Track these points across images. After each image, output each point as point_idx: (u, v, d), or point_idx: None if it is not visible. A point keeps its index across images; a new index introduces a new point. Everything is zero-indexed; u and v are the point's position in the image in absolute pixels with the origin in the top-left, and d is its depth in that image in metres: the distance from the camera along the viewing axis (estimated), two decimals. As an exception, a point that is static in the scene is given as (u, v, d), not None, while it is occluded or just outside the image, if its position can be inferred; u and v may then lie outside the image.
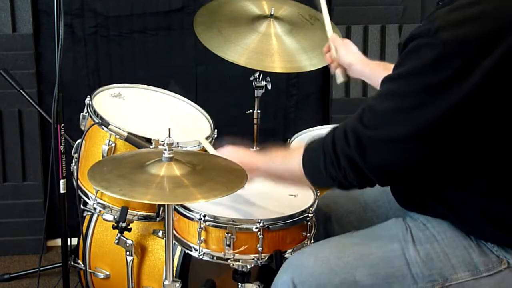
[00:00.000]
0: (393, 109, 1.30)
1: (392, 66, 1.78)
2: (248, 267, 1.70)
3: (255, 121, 2.36)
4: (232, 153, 1.65)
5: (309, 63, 2.16)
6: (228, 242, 1.66)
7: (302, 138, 2.20)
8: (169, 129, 1.51)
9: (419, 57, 1.26)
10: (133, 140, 1.87)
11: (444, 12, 1.26)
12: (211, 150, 1.80)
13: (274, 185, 1.90)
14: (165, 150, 1.49)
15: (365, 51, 2.84)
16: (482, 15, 1.23)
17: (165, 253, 1.59)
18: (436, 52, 1.23)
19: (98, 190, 1.93)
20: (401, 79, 1.30)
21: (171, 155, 1.49)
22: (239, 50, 2.12)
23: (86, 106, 2.00)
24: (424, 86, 1.26)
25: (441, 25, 1.24)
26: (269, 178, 1.63)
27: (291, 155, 1.52)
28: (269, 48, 2.16)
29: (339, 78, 1.91)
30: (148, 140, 1.85)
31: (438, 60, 1.23)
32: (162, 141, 1.49)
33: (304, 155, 1.45)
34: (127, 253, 1.95)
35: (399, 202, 1.57)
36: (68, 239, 2.15)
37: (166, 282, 1.60)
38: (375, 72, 1.85)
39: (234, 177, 1.52)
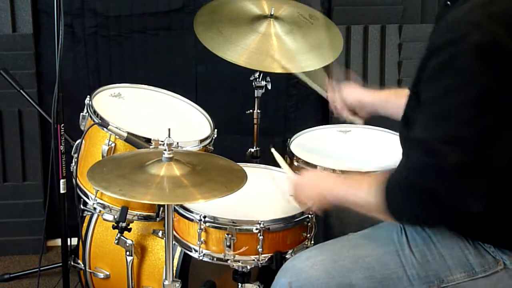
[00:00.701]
0: (447, 131, 1.23)
1: (403, 91, 1.73)
2: (248, 267, 1.70)
3: (255, 121, 2.35)
4: (310, 178, 1.65)
5: (309, 64, 2.15)
6: (228, 243, 1.65)
7: (302, 138, 2.20)
8: (169, 129, 1.51)
9: (455, 70, 1.20)
10: (133, 140, 1.87)
11: (463, 14, 1.21)
12: (290, 173, 1.79)
13: (274, 186, 1.91)
14: (165, 150, 1.49)
15: (365, 51, 2.84)
16: (504, 11, 1.19)
17: (165, 253, 1.60)
18: (470, 59, 1.19)
19: (98, 190, 1.92)
20: (444, 98, 1.24)
21: (171, 155, 1.48)
22: (239, 50, 2.12)
23: (86, 106, 2.00)
24: (472, 97, 1.20)
25: (466, 29, 1.19)
26: (345, 203, 1.54)
27: (368, 187, 1.42)
28: (269, 48, 2.16)
29: (359, 121, 1.90)
30: (148, 140, 1.85)
31: (475, 66, 1.18)
32: (162, 141, 1.49)
33: (388, 198, 1.36)
34: (127, 253, 1.94)
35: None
36: (68, 239, 2.15)
37: (166, 282, 1.61)
38: (388, 101, 1.80)
39: (234, 177, 1.52)
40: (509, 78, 1.19)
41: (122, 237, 1.93)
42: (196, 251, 1.71)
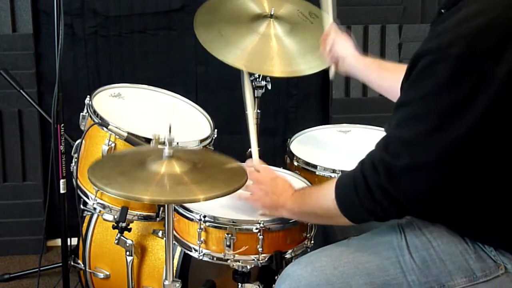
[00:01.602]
0: (417, 134, 1.28)
1: (387, 64, 1.78)
2: (248, 267, 1.70)
3: (255, 121, 2.35)
4: (265, 193, 1.66)
5: (308, 66, 2.15)
6: (228, 243, 1.65)
7: (302, 138, 2.20)
8: (170, 125, 1.50)
9: (434, 75, 1.23)
10: (132, 140, 1.87)
11: (452, 24, 1.24)
12: (255, 158, 1.79)
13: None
14: (166, 147, 1.48)
15: (365, 51, 2.83)
16: (491, 24, 1.22)
17: (165, 253, 1.59)
18: (450, 68, 1.21)
19: (98, 190, 1.92)
20: (418, 101, 1.27)
21: (171, 152, 1.48)
22: (239, 53, 2.11)
23: (86, 106, 2.00)
24: (444, 106, 1.23)
25: (451, 39, 1.22)
26: (299, 218, 1.63)
27: (323, 192, 1.49)
28: (269, 50, 2.15)
29: (331, 74, 1.90)
30: (148, 140, 1.85)
31: (453, 76, 1.21)
32: (162, 139, 1.49)
33: (337, 193, 1.43)
34: (127, 253, 1.94)
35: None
36: (68, 239, 2.15)
37: (166, 282, 1.60)
38: (369, 68, 1.83)
39: (235, 175, 1.52)
40: (485, 90, 1.20)
41: (122, 237, 1.93)
42: (196, 250, 1.71)
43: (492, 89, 1.20)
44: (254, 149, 1.84)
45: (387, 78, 1.76)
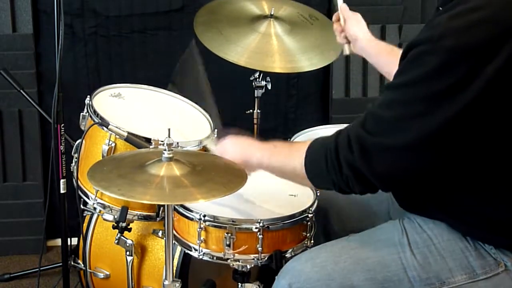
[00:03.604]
0: (397, 117, 1.29)
1: (399, 50, 1.79)
2: (248, 267, 1.70)
3: (255, 121, 2.36)
4: (233, 144, 1.64)
5: (309, 63, 2.16)
6: (228, 242, 1.66)
7: (302, 138, 2.20)
8: (169, 129, 1.51)
9: (422, 64, 1.25)
10: (133, 140, 1.87)
11: (446, 18, 1.25)
12: (212, 147, 1.79)
13: (274, 184, 1.91)
14: (165, 150, 1.49)
15: (365, 51, 2.84)
16: (484, 21, 1.22)
17: (165, 253, 1.59)
18: (440, 60, 1.22)
19: (98, 190, 1.93)
20: (404, 87, 1.29)
21: (170, 155, 1.48)
22: (239, 50, 2.12)
23: (86, 106, 2.00)
24: (428, 94, 1.25)
25: (444, 32, 1.23)
26: (267, 170, 1.61)
27: (294, 152, 1.50)
28: (269, 48, 2.16)
29: (345, 51, 1.91)
30: (148, 140, 1.85)
31: (441, 68, 1.22)
32: (162, 141, 1.49)
33: (307, 156, 1.44)
34: (127, 253, 1.94)
35: (399, 202, 1.57)
36: (68, 239, 2.15)
37: (166, 282, 1.60)
38: (380, 52, 1.85)
39: (234, 177, 1.52)
40: (470, 86, 1.21)
41: (122, 237, 1.93)
42: (196, 250, 1.71)
43: (478, 85, 1.21)
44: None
45: (396, 63, 1.77)
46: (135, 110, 2.11)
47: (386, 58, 1.83)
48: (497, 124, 1.27)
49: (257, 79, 2.30)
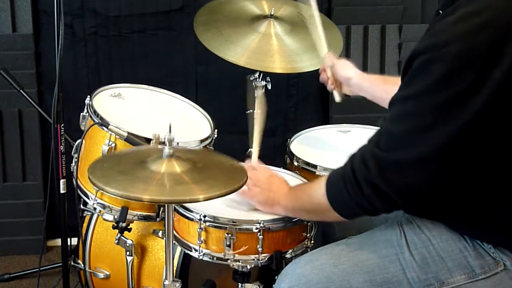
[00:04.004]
0: (410, 130, 1.29)
1: (392, 78, 1.79)
2: (248, 267, 1.70)
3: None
4: (260, 191, 1.69)
5: (309, 63, 2.15)
6: (228, 243, 1.65)
7: (302, 138, 2.20)
8: (170, 124, 1.51)
9: (429, 73, 1.24)
10: (133, 140, 1.87)
11: (449, 23, 1.24)
12: (254, 158, 1.83)
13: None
14: (166, 146, 1.48)
15: (365, 51, 2.84)
16: (488, 23, 1.21)
17: (165, 253, 1.59)
18: (446, 67, 1.21)
19: (98, 190, 1.92)
20: (412, 98, 1.28)
21: (171, 151, 1.48)
22: (239, 50, 2.12)
23: (86, 106, 2.00)
24: (438, 104, 1.24)
25: (448, 38, 1.22)
26: (293, 214, 1.65)
27: (315, 188, 1.51)
28: (269, 48, 2.16)
29: (337, 97, 1.93)
30: (148, 140, 1.85)
31: (449, 75, 1.22)
32: (162, 139, 1.49)
33: (327, 187, 1.45)
34: (127, 253, 1.94)
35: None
36: (68, 239, 2.15)
37: (166, 282, 1.61)
38: (375, 83, 1.85)
39: (235, 174, 1.52)
40: (480, 91, 1.21)
41: (122, 237, 1.93)
42: (196, 250, 1.71)
43: (488, 89, 1.20)
44: (255, 149, 1.86)
45: (392, 91, 1.77)
46: (135, 110, 2.11)
47: (383, 87, 1.83)
48: (504, 128, 1.27)
49: (257, 79, 2.29)
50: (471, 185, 1.36)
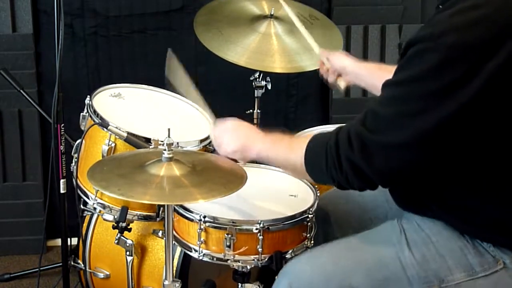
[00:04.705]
0: (397, 114, 1.29)
1: (388, 66, 1.80)
2: (248, 267, 1.70)
3: (255, 121, 2.35)
4: (234, 129, 1.65)
5: (309, 63, 2.16)
6: (228, 243, 1.65)
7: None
8: (169, 129, 1.51)
9: (423, 61, 1.25)
10: (132, 140, 1.87)
11: (446, 15, 1.25)
12: (211, 117, 1.79)
13: (274, 185, 1.91)
14: (165, 150, 1.48)
15: (365, 51, 2.84)
16: (485, 18, 1.22)
17: (165, 253, 1.60)
18: (440, 57, 1.22)
19: (98, 190, 1.92)
20: (404, 84, 1.29)
21: (170, 155, 1.48)
22: (239, 51, 2.12)
23: (86, 106, 2.00)
24: (428, 91, 1.25)
25: (444, 29, 1.23)
26: (265, 162, 1.63)
27: (294, 147, 1.50)
28: (269, 48, 2.16)
29: (341, 85, 1.92)
30: (148, 140, 1.85)
31: (442, 65, 1.23)
32: (162, 141, 1.49)
33: (307, 152, 1.44)
34: (127, 253, 1.95)
35: (396, 202, 1.57)
36: (68, 239, 2.15)
37: (166, 282, 1.61)
38: (371, 72, 1.85)
39: (234, 177, 1.52)
40: (470, 83, 1.22)
41: (122, 237, 1.93)
42: (196, 251, 1.71)
43: (478, 82, 1.21)
44: (205, 109, 1.86)
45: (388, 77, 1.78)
46: (135, 110, 2.11)
47: (379, 73, 1.82)
48: (496, 122, 1.27)
49: (257, 79, 2.30)
50: (467, 181, 1.37)
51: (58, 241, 2.26)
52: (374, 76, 1.84)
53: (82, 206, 2.07)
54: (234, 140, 1.62)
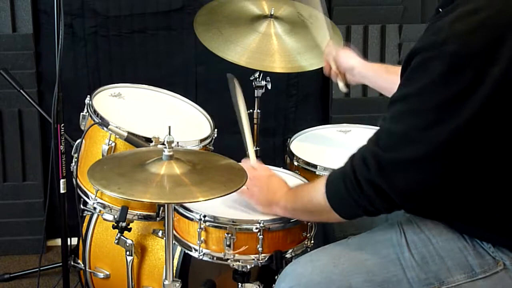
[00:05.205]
0: (409, 129, 1.29)
1: (395, 68, 1.80)
2: (248, 267, 1.70)
3: (255, 121, 2.36)
4: (259, 190, 1.68)
5: (309, 63, 2.16)
6: (228, 243, 1.65)
7: (302, 138, 2.20)
8: (169, 127, 1.51)
9: (428, 71, 1.24)
10: (133, 140, 1.87)
11: (448, 22, 1.24)
12: (252, 158, 1.82)
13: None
14: (165, 148, 1.48)
15: (365, 51, 2.84)
16: (486, 22, 1.22)
17: (165, 253, 1.59)
18: (445, 65, 1.22)
19: (98, 190, 1.92)
20: (411, 97, 1.28)
21: (171, 153, 1.48)
22: (239, 50, 2.12)
23: (86, 106, 2.00)
24: (437, 102, 1.24)
25: (447, 37, 1.22)
26: (292, 214, 1.65)
27: (316, 185, 1.51)
28: (269, 48, 2.16)
29: (342, 87, 1.92)
30: (148, 140, 1.85)
31: (448, 73, 1.22)
32: (162, 140, 1.49)
33: (327, 185, 1.44)
34: (127, 253, 1.94)
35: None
36: (68, 239, 2.15)
37: (166, 282, 1.60)
38: (378, 72, 1.85)
39: (234, 176, 1.52)
40: (479, 89, 1.21)
41: (122, 237, 1.93)
42: (196, 250, 1.71)
43: (486, 87, 1.21)
44: (250, 149, 1.86)
45: (394, 81, 1.77)
46: (135, 110, 2.11)
47: (386, 76, 1.83)
48: (504, 126, 1.27)
49: (257, 79, 2.30)
50: (471, 184, 1.36)
51: (58, 241, 2.26)
52: (380, 78, 1.85)
53: (82, 206, 2.07)
54: (260, 199, 1.68)
